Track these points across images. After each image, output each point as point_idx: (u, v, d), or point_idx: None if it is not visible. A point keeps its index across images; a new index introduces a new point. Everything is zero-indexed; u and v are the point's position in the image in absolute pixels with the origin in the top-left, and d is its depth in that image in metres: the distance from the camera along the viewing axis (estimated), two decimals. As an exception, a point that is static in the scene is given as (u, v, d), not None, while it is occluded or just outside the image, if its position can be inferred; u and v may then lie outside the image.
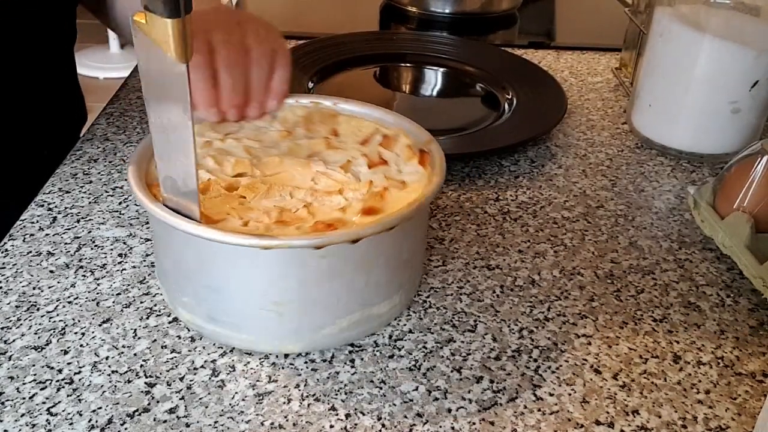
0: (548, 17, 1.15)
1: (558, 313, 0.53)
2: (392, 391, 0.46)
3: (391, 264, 0.47)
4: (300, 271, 0.44)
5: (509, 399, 0.46)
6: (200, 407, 0.44)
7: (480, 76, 0.84)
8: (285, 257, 0.44)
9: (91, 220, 0.60)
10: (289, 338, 0.47)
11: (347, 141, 0.55)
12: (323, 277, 0.45)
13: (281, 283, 0.45)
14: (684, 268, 0.58)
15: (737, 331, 0.52)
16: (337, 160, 0.52)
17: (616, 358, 0.49)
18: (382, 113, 0.56)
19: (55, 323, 0.50)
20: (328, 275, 0.45)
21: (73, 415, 0.43)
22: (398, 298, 0.50)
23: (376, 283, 0.47)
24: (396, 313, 0.51)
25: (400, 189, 0.49)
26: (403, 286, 0.50)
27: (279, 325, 0.46)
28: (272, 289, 0.45)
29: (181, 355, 0.48)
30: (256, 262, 0.44)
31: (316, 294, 0.45)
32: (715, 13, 0.70)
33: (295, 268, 0.44)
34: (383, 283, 0.48)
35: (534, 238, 0.61)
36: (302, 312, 0.46)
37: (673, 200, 0.67)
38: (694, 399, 0.47)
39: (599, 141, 0.76)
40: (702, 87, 0.68)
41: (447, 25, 1.06)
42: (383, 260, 0.47)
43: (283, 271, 0.44)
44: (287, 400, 0.45)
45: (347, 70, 0.85)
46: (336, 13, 1.11)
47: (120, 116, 0.76)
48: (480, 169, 0.70)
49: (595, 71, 0.92)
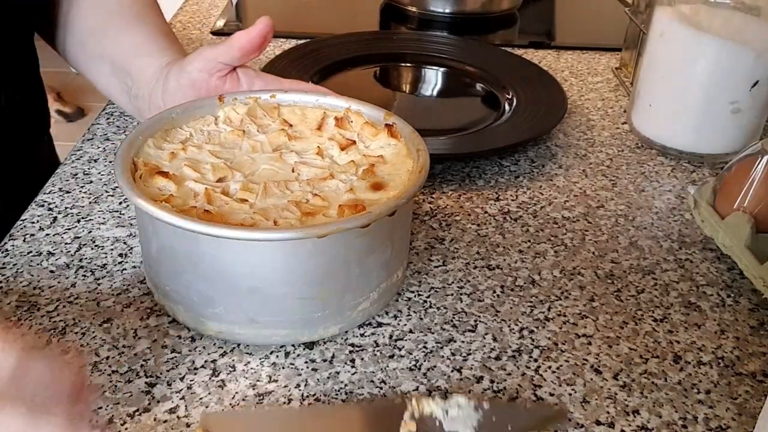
0: (548, 17, 1.15)
1: (558, 313, 0.53)
2: (393, 391, 0.46)
3: (407, 227, 0.51)
4: (347, 252, 0.46)
5: (509, 399, 0.46)
6: (201, 407, 0.44)
7: (480, 76, 0.84)
8: (334, 242, 0.45)
9: (92, 220, 0.60)
10: (331, 321, 0.48)
11: (303, 129, 0.56)
12: (363, 254, 0.47)
13: (329, 267, 0.46)
14: (684, 268, 0.58)
15: (738, 331, 0.52)
16: (306, 148, 0.53)
17: (616, 358, 0.49)
18: (321, 97, 0.58)
19: (56, 323, 0.50)
20: (368, 251, 0.47)
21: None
22: (406, 261, 0.53)
23: (398, 249, 0.50)
24: (403, 278, 0.53)
25: (383, 163, 0.52)
26: (408, 247, 0.54)
27: (322, 311, 0.47)
28: (318, 276, 0.46)
29: (181, 355, 0.48)
30: (305, 253, 0.45)
31: (357, 272, 0.47)
32: (715, 12, 0.70)
33: (342, 249, 0.45)
34: (402, 248, 0.51)
35: (534, 238, 0.61)
36: (343, 294, 0.47)
37: (673, 200, 0.67)
38: (694, 399, 0.47)
39: (599, 141, 0.76)
40: (702, 87, 0.68)
41: (447, 25, 1.05)
42: (403, 224, 0.50)
43: (333, 255, 0.45)
44: (287, 400, 0.45)
45: (347, 70, 0.85)
46: (336, 13, 1.11)
47: (120, 116, 0.76)
48: (480, 169, 0.70)
49: (595, 71, 0.92)
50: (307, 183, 0.50)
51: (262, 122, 0.56)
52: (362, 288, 0.48)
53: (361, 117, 0.55)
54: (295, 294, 0.46)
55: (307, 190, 0.49)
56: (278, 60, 0.83)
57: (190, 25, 1.01)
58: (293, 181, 0.50)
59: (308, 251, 0.45)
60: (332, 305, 0.47)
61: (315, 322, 0.47)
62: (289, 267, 0.45)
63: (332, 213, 0.47)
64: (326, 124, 0.56)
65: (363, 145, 0.54)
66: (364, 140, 0.54)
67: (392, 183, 0.50)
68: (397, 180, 0.50)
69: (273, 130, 0.55)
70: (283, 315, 0.47)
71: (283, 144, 0.54)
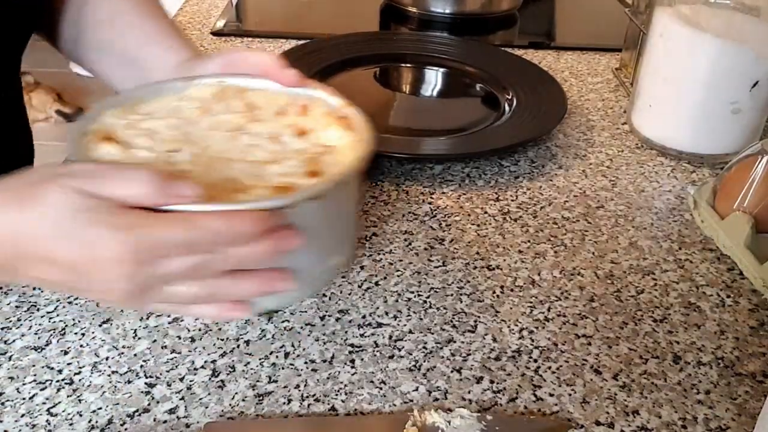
0: (548, 17, 1.15)
1: (558, 313, 0.53)
2: (392, 391, 0.46)
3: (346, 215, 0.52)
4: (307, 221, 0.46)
5: (509, 399, 0.46)
6: (200, 407, 0.44)
7: (480, 77, 0.84)
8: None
9: (91, 220, 0.60)
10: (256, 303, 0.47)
11: (264, 114, 0.56)
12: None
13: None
14: (684, 268, 0.58)
15: (737, 332, 0.52)
16: (262, 132, 0.53)
17: (616, 359, 0.49)
18: (289, 88, 0.57)
19: (55, 323, 0.50)
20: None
21: (73, 415, 0.43)
22: (349, 249, 0.54)
23: (332, 236, 0.50)
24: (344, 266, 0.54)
25: (329, 153, 0.51)
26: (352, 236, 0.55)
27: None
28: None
29: (181, 356, 0.48)
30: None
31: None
32: (715, 13, 0.70)
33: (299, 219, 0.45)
34: (339, 236, 0.51)
35: (534, 239, 0.61)
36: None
37: (673, 200, 0.67)
38: (694, 399, 0.47)
39: (599, 141, 0.76)
40: (702, 87, 0.68)
41: (447, 26, 1.05)
42: (339, 211, 0.50)
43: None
44: (287, 401, 0.45)
45: (347, 70, 0.85)
46: (336, 13, 1.11)
47: (120, 116, 0.76)
48: (480, 169, 0.70)
49: (595, 71, 0.92)
50: (250, 164, 0.49)
51: (227, 103, 0.56)
52: (295, 266, 0.47)
53: (322, 107, 0.55)
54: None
55: (248, 171, 0.48)
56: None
57: (190, 25, 1.01)
58: (237, 160, 0.50)
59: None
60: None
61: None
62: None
63: (261, 193, 0.46)
64: (289, 111, 0.56)
65: (318, 135, 0.54)
66: (320, 130, 0.54)
67: (331, 171, 0.49)
68: (339, 169, 0.49)
69: (235, 110, 0.55)
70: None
71: (242, 126, 0.54)
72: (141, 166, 0.46)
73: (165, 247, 0.40)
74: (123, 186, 0.40)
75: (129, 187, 0.40)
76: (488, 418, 0.43)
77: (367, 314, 0.52)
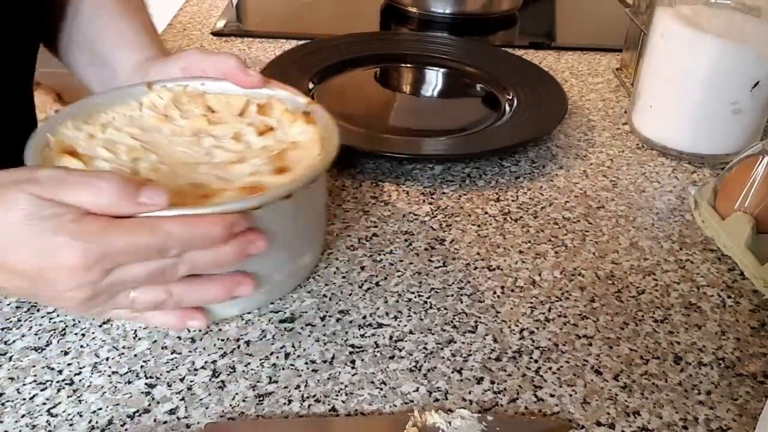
0: (549, 18, 1.15)
1: (559, 313, 0.53)
2: (393, 392, 0.46)
3: (315, 213, 0.52)
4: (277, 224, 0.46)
5: (510, 400, 0.46)
6: (201, 408, 0.44)
7: (480, 77, 0.84)
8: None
9: (92, 220, 0.60)
10: (229, 302, 0.47)
11: (224, 115, 0.56)
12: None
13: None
14: (685, 268, 0.58)
15: (738, 332, 0.52)
16: (225, 133, 0.53)
17: (617, 359, 0.49)
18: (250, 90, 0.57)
19: (56, 324, 0.50)
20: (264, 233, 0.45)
21: (73, 416, 0.43)
22: (319, 247, 0.55)
23: (303, 234, 0.51)
24: (314, 263, 0.55)
25: (294, 149, 0.52)
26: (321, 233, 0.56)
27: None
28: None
29: (181, 356, 0.48)
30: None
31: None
32: (716, 13, 0.70)
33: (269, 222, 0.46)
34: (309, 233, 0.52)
35: (535, 239, 0.61)
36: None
37: (674, 201, 0.67)
38: (695, 400, 0.46)
39: (600, 141, 0.76)
40: (703, 87, 0.68)
41: (447, 26, 1.05)
42: (309, 209, 0.50)
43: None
44: (288, 401, 0.45)
45: (348, 70, 0.85)
46: (336, 13, 1.11)
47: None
48: (481, 169, 0.70)
49: (595, 72, 0.92)
50: (215, 166, 0.49)
51: (185, 108, 0.56)
52: (262, 269, 0.47)
53: (282, 104, 0.55)
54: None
55: (213, 173, 0.48)
56: (278, 61, 0.83)
57: (190, 25, 1.01)
58: (203, 164, 0.49)
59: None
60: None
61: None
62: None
63: (229, 196, 0.45)
64: (248, 110, 0.56)
65: (281, 132, 0.54)
66: (283, 127, 0.54)
67: (298, 168, 0.49)
68: (305, 165, 0.49)
69: (195, 115, 0.55)
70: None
71: (203, 129, 0.54)
72: (106, 173, 0.45)
73: (127, 253, 0.39)
74: (87, 193, 0.39)
75: (93, 195, 0.39)
76: (489, 418, 0.43)
77: (368, 315, 0.52)
